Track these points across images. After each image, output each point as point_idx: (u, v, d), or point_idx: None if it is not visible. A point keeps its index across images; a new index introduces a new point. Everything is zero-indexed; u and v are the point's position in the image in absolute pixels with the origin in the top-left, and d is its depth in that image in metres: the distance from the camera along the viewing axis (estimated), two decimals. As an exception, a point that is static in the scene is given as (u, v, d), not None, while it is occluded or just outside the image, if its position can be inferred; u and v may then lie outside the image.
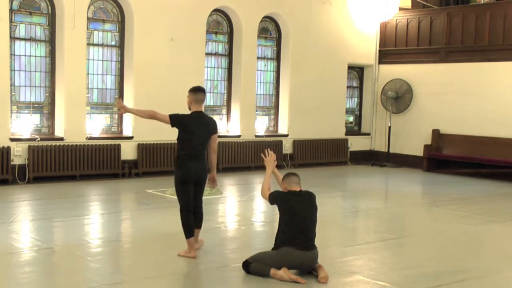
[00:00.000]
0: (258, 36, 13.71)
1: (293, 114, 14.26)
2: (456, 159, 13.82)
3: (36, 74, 11.16)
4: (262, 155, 6.42)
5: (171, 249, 6.68)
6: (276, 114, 14.41)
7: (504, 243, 7.65)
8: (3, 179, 10.46)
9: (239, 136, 13.37)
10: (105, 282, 5.47)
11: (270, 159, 6.17)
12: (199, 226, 6.57)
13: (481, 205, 10.12)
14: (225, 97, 13.53)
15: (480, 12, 13.91)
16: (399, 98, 15.07)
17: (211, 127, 6.51)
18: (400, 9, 15.06)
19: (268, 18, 14.00)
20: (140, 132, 11.91)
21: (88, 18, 11.42)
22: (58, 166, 10.97)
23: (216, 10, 13.11)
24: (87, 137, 11.41)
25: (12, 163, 10.58)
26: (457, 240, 7.64)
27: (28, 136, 10.89)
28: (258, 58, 13.86)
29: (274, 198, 5.87)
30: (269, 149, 6.33)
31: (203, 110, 6.67)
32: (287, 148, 14.16)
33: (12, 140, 10.64)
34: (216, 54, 13.32)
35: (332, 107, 14.99)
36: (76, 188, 10.48)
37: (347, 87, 15.57)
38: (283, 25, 14.15)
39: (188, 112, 6.51)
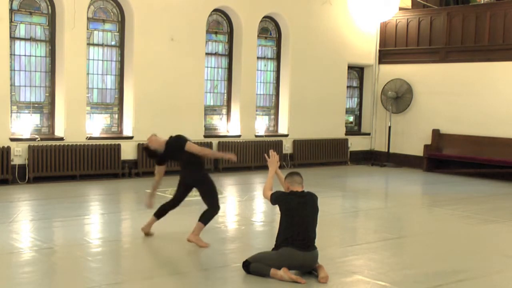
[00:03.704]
0: (258, 36, 13.71)
1: (293, 114, 14.26)
2: (456, 159, 13.82)
3: (36, 74, 11.16)
4: (265, 156, 6.47)
5: (171, 249, 6.69)
6: (276, 114, 14.41)
7: (504, 243, 7.65)
8: (3, 179, 10.46)
9: (239, 136, 13.37)
10: (105, 282, 5.47)
11: (273, 160, 6.17)
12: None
13: (481, 205, 10.11)
14: (225, 97, 13.53)
15: (480, 12, 13.91)
16: (399, 98, 15.07)
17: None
18: (400, 9, 15.06)
19: (268, 18, 14.00)
20: (140, 132, 11.89)
21: (88, 18, 11.42)
22: (58, 166, 10.97)
23: (216, 10, 13.11)
24: (87, 137, 11.42)
25: (12, 163, 10.58)
26: (457, 240, 7.64)
27: (28, 136, 10.89)
28: (258, 58, 13.86)
29: (275, 198, 5.87)
30: (272, 150, 6.34)
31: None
32: (287, 148, 14.16)
33: (12, 140, 10.64)
34: (216, 54, 13.32)
35: (332, 107, 14.99)
36: (76, 188, 10.48)
37: (347, 87, 15.57)
38: (283, 25, 14.15)
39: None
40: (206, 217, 6.78)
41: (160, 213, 7.11)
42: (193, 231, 6.76)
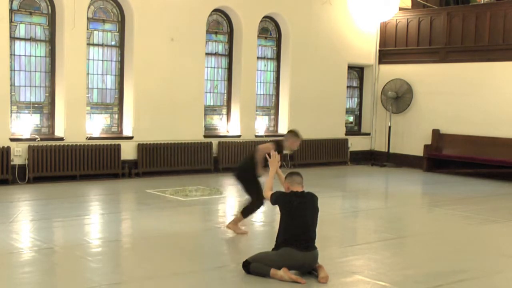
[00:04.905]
0: (258, 36, 13.70)
1: (293, 114, 14.25)
2: (456, 159, 13.82)
3: (36, 74, 11.16)
4: (266, 155, 6.46)
5: (171, 249, 6.69)
6: (276, 114, 14.41)
7: (504, 243, 7.65)
8: (3, 179, 10.45)
9: (239, 136, 13.37)
10: (105, 282, 5.47)
11: (274, 160, 6.17)
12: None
13: (481, 205, 10.11)
14: (225, 97, 13.53)
15: (480, 12, 13.91)
16: (399, 98, 15.07)
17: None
18: (400, 9, 15.06)
19: (268, 18, 14.00)
20: (140, 132, 11.91)
21: (88, 18, 11.42)
22: (58, 166, 10.97)
23: (216, 10, 13.11)
24: (87, 137, 11.41)
25: (12, 163, 10.57)
26: (457, 240, 7.64)
27: (28, 136, 10.89)
28: (258, 58, 13.86)
29: (276, 198, 5.87)
30: (273, 150, 6.33)
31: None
32: (287, 148, 14.13)
33: (12, 140, 10.64)
34: (216, 54, 13.31)
35: (332, 107, 14.99)
36: (76, 188, 10.47)
37: (347, 87, 15.57)
38: (283, 25, 14.15)
39: None
40: (246, 211, 7.36)
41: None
42: (232, 221, 7.46)
